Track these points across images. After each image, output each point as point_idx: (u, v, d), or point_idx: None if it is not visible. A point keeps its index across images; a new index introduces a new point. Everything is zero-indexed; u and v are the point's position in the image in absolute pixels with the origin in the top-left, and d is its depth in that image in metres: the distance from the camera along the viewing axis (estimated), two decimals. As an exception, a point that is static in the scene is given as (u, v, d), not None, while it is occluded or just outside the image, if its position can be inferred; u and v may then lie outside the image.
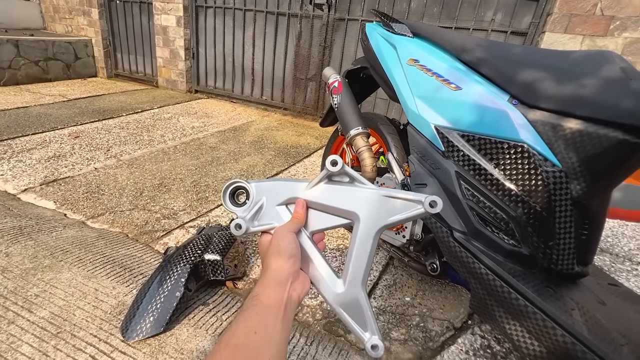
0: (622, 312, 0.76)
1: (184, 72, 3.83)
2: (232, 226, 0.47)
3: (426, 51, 0.95)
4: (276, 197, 0.51)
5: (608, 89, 0.67)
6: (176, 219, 1.51)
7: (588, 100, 0.69)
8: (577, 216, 0.73)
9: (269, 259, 0.45)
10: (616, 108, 0.66)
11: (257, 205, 0.50)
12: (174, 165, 2.05)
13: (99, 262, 1.12)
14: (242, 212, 0.49)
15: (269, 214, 0.51)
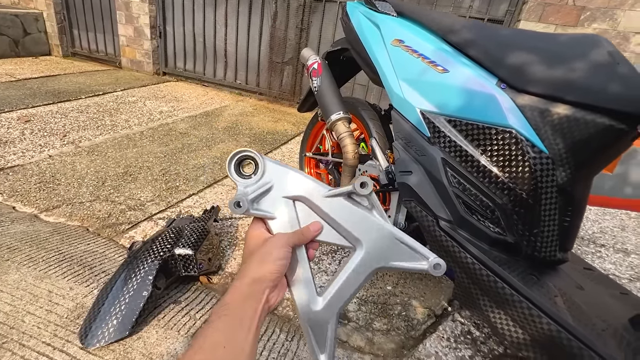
0: (599, 297, 0.77)
1: (150, 52, 3.56)
2: (231, 204, 0.41)
3: (411, 31, 0.90)
4: (287, 186, 0.46)
5: (596, 73, 0.66)
6: (143, 210, 1.40)
7: (577, 85, 0.67)
8: (562, 203, 0.72)
9: (252, 262, 0.40)
10: (604, 93, 0.65)
11: (263, 186, 0.45)
12: (140, 152, 1.90)
13: (54, 260, 1.01)
14: (244, 186, 0.44)
15: (271, 202, 0.45)
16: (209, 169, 1.81)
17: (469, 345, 0.97)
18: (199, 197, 1.55)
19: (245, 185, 0.44)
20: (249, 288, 0.38)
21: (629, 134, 0.66)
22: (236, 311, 0.36)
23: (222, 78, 3.47)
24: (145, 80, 3.46)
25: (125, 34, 3.60)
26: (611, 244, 1.61)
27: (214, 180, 1.71)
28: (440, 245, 0.81)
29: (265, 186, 0.45)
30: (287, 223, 0.45)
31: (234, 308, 0.36)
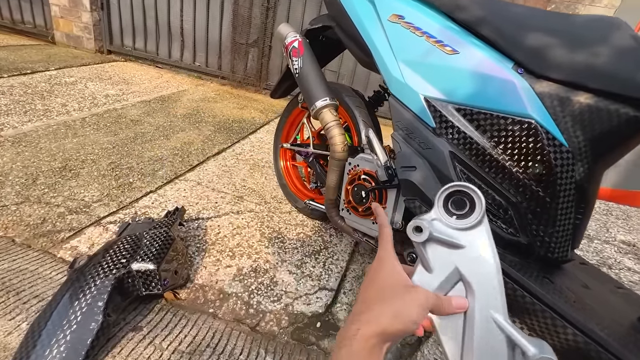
0: (604, 295, 0.75)
1: (90, 26, 3.10)
2: (411, 226, 0.35)
3: (413, 7, 0.79)
4: (472, 264, 0.36)
5: (622, 59, 0.60)
6: (88, 213, 1.17)
7: (601, 71, 0.60)
8: (577, 200, 0.67)
9: (385, 310, 0.31)
10: (630, 81, 0.59)
11: (455, 239, 0.36)
12: (82, 142, 1.61)
13: (-36, 285, 0.78)
14: (441, 221, 0.36)
15: (441, 256, 0.36)
16: (169, 162, 1.59)
17: (466, 348, 0.93)
18: (158, 195, 1.34)
19: (444, 222, 0.36)
20: (377, 339, 0.29)
21: (651, 125, 0.62)
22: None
23: (179, 59, 3.13)
24: (87, 58, 3.01)
25: (57, 2, 3.09)
26: (576, 231, 1.69)
27: (174, 174, 1.50)
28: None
29: (456, 240, 0.35)
30: (433, 281, 0.36)
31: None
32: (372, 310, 0.31)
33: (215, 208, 1.32)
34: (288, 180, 1.44)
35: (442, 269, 0.35)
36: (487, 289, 0.34)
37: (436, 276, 0.35)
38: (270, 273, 1.06)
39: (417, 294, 0.32)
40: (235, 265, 1.06)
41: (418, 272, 0.36)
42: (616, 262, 1.46)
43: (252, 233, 1.23)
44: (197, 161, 1.65)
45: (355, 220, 0.98)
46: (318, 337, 0.89)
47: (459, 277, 0.35)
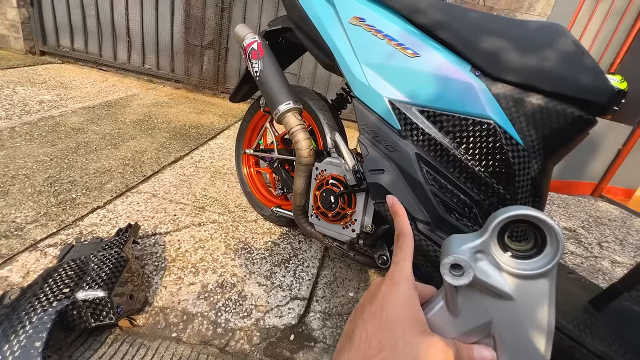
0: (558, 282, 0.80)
1: (18, 24, 2.76)
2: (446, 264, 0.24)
3: (373, 9, 0.79)
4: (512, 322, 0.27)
5: (566, 63, 0.64)
6: (22, 236, 1.02)
7: (549, 74, 0.64)
8: (533, 194, 0.71)
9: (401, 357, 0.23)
10: (575, 83, 0.64)
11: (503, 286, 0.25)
12: (11, 155, 1.42)
13: None
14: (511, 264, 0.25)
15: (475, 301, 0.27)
16: (119, 174, 1.45)
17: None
18: (106, 210, 1.22)
19: (493, 258, 0.25)
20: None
21: (592, 124, 0.67)
22: None
23: (126, 61, 2.91)
24: (15, 60, 2.68)
25: (-24, -3, 2.72)
26: (526, 221, 1.82)
27: (126, 187, 1.37)
28: (418, 250, 0.73)
29: (504, 287, 0.25)
30: (455, 327, 0.27)
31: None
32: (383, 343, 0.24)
33: (174, 221, 1.23)
34: (252, 187, 1.38)
35: (472, 316, 0.26)
36: (526, 353, 0.26)
37: (461, 323, 0.27)
38: (238, 287, 1.00)
39: (436, 349, 0.24)
40: (199, 282, 0.99)
41: (438, 312, 0.28)
42: (561, 248, 1.59)
43: (216, 245, 1.15)
44: (152, 171, 1.52)
45: (324, 226, 0.96)
46: (292, 351, 0.85)
47: (491, 332, 0.27)
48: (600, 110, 0.65)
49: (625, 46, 2.44)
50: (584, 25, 2.41)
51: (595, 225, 1.91)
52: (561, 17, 2.34)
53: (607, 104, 0.64)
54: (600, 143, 2.32)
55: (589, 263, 1.50)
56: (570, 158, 2.30)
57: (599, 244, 1.69)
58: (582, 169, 2.40)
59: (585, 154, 2.35)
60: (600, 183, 2.42)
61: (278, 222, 1.30)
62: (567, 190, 2.42)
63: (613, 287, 0.69)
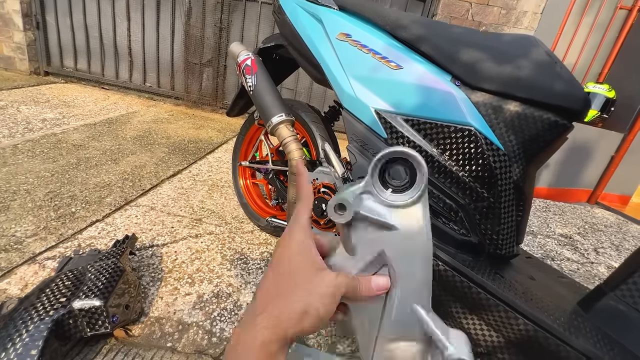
0: (548, 285, 0.81)
1: (24, 46, 2.86)
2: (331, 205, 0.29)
3: (358, 25, 0.83)
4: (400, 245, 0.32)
5: (540, 72, 0.68)
6: (21, 250, 1.04)
7: (524, 82, 0.68)
8: (516, 198, 0.73)
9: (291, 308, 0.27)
10: (549, 91, 0.67)
11: (383, 217, 0.30)
12: (13, 172, 1.45)
13: None
14: (390, 198, 0.30)
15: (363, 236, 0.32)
16: (118, 188, 1.48)
17: (433, 351, 0.95)
18: (105, 224, 1.24)
19: (376, 196, 0.30)
20: (279, 344, 0.25)
21: (569, 129, 0.70)
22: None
23: (127, 80, 2.99)
24: (19, 80, 2.76)
25: (-16, 22, 2.82)
26: (522, 228, 1.83)
27: (124, 200, 1.39)
28: (407, 254, 0.75)
29: (387, 219, 0.29)
30: (354, 265, 0.31)
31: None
32: (273, 308, 0.26)
33: (172, 233, 1.25)
34: (249, 198, 1.41)
35: (366, 251, 0.30)
36: (414, 277, 0.30)
37: (358, 260, 0.31)
38: (234, 297, 1.01)
39: (329, 281, 0.27)
40: (195, 293, 1.00)
41: (338, 254, 0.32)
42: (557, 254, 1.60)
43: (212, 256, 1.17)
44: (150, 185, 1.55)
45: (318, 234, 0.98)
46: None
47: (384, 261, 0.31)
48: (574, 115, 0.68)
49: (612, 56, 2.51)
50: (570, 37, 2.49)
51: (592, 232, 1.92)
52: (548, 30, 2.42)
53: (580, 110, 0.67)
54: (593, 150, 2.35)
55: (585, 269, 1.51)
56: (564, 165, 2.33)
57: (595, 250, 1.70)
58: (577, 176, 2.43)
59: (579, 162, 2.38)
60: (596, 190, 2.44)
61: (274, 232, 1.32)
62: (563, 197, 2.43)
63: (598, 288, 0.71)
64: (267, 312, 0.26)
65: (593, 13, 2.44)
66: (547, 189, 2.41)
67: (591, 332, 0.64)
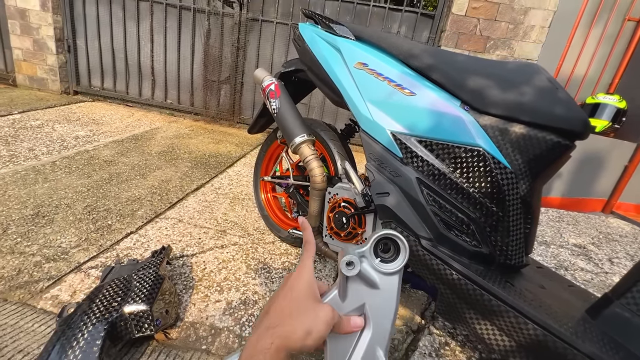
0: (558, 294, 0.86)
1: (56, 68, 3.07)
2: (344, 262, 0.39)
3: (374, 55, 0.92)
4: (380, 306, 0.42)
5: (542, 97, 0.75)
6: (67, 259, 1.14)
7: (528, 107, 0.75)
8: (524, 212, 0.79)
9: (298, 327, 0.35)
10: (550, 114, 0.74)
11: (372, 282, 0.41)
12: (54, 187, 1.58)
13: (-60, 347, 0.74)
14: (378, 265, 0.40)
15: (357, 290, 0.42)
16: (147, 201, 1.59)
17: (449, 357, 0.99)
18: (139, 235, 1.34)
19: (369, 262, 0.41)
20: (286, 353, 0.33)
21: (571, 148, 0.76)
22: None
23: (150, 97, 3.16)
24: (52, 100, 2.95)
25: (20, 46, 3.05)
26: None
27: (154, 213, 1.50)
28: (423, 264, 0.81)
29: (375, 280, 0.40)
30: (342, 308, 0.41)
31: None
32: (286, 324, 0.34)
33: (199, 244, 1.34)
34: (270, 211, 1.49)
35: (353, 300, 0.41)
36: (382, 328, 0.40)
37: (346, 305, 0.41)
38: (260, 304, 1.09)
39: (327, 312, 0.36)
40: (224, 300, 1.08)
41: (332, 297, 0.41)
42: (571, 264, 1.62)
43: (238, 266, 1.25)
44: (177, 198, 1.66)
45: (338, 245, 1.05)
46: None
47: (364, 311, 0.41)
48: (575, 136, 0.74)
49: (622, 67, 2.54)
50: (579, 49, 2.53)
51: (606, 242, 1.93)
52: (556, 43, 2.47)
53: (580, 131, 0.73)
54: (606, 160, 2.36)
55: (599, 279, 1.52)
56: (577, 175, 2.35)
57: (609, 260, 1.71)
58: (591, 186, 2.44)
59: (592, 171, 2.39)
60: (610, 199, 2.44)
61: (294, 243, 1.40)
62: (577, 207, 2.44)
63: (606, 296, 0.75)
64: (281, 327, 0.34)
65: (601, 25, 2.49)
66: (561, 198, 2.42)
67: (598, 337, 0.69)
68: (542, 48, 2.49)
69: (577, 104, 0.75)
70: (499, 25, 2.50)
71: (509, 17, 2.47)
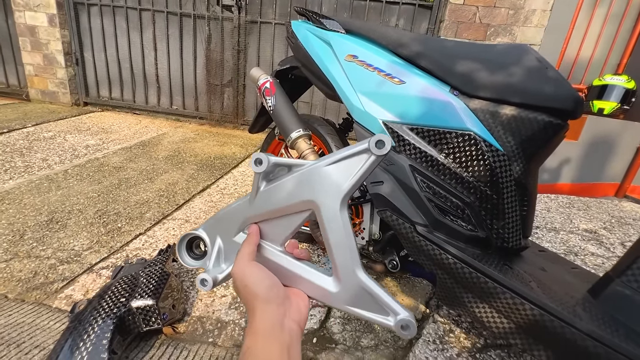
0: (560, 275, 0.85)
1: (66, 81, 3.18)
2: (197, 284, 0.43)
3: (363, 47, 0.93)
4: (228, 229, 0.46)
5: (532, 77, 0.75)
6: (80, 261, 1.19)
7: (518, 88, 0.75)
8: (519, 194, 0.79)
9: (248, 304, 0.37)
10: (540, 94, 0.73)
11: (215, 248, 0.46)
12: (66, 194, 1.64)
13: (-37, 344, 0.79)
14: (206, 264, 0.46)
15: (231, 251, 0.46)
16: (155, 204, 1.63)
17: (453, 344, 1.00)
18: (147, 236, 1.38)
19: (206, 263, 0.46)
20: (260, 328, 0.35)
21: (564, 128, 0.75)
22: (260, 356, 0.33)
23: (156, 104, 3.23)
24: (63, 112, 3.06)
25: (31, 62, 3.17)
26: (543, 225, 1.83)
27: (162, 215, 1.54)
28: (420, 251, 0.82)
29: (216, 248, 0.46)
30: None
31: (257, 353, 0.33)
32: (248, 314, 0.38)
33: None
34: (273, 208, 1.51)
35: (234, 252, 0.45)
36: None
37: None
38: (264, 297, 1.11)
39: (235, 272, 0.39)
40: (229, 294, 1.11)
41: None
42: (581, 249, 1.59)
43: (243, 262, 1.27)
44: (183, 200, 1.70)
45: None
46: (315, 352, 0.93)
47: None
48: (567, 115, 0.74)
49: (629, 46, 2.46)
50: (583, 31, 2.47)
51: (618, 226, 1.88)
52: (559, 26, 2.42)
53: (572, 110, 0.72)
54: (616, 143, 2.30)
55: (611, 263, 1.49)
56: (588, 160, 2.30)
57: (621, 244, 1.67)
58: (602, 170, 2.38)
59: (603, 155, 2.33)
60: (623, 183, 2.37)
61: (297, 238, 1.41)
62: (588, 192, 2.38)
63: (607, 276, 0.74)
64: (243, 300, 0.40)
65: (606, 4, 2.42)
66: (571, 184, 2.37)
67: (598, 316, 0.68)
68: (545, 32, 2.44)
69: (568, 82, 0.75)
70: (498, 11, 2.46)
71: (509, 3, 2.43)
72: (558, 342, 0.65)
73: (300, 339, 0.37)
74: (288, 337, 0.35)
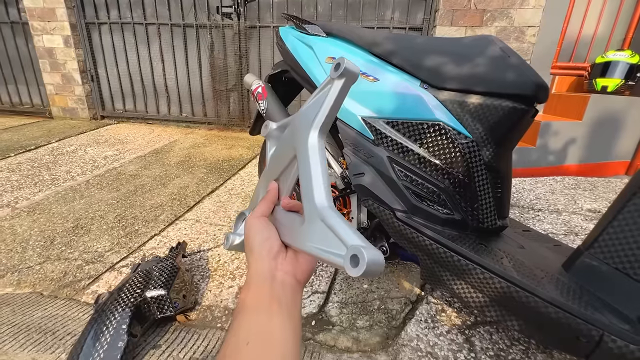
0: (537, 252, 0.90)
1: (83, 97, 3.38)
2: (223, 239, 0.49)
3: (341, 48, 1.00)
4: (258, 199, 0.50)
5: (495, 67, 0.79)
6: (103, 261, 1.32)
7: (481, 78, 0.80)
8: (491, 178, 0.84)
9: (247, 259, 0.40)
10: (503, 81, 0.78)
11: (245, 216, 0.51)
12: (89, 202, 1.79)
13: (7, 334, 0.92)
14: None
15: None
16: (168, 207, 1.76)
17: (444, 322, 1.06)
18: (162, 237, 1.50)
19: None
20: (251, 279, 0.36)
21: (529, 112, 0.80)
22: (249, 303, 0.34)
23: (167, 113, 3.39)
24: (83, 127, 3.26)
25: (52, 82, 3.39)
26: (546, 207, 1.84)
27: (175, 217, 1.66)
28: (401, 235, 0.88)
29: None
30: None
31: (247, 302, 0.35)
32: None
33: (214, 239, 1.48)
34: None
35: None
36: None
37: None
38: (268, 287, 1.20)
39: (246, 226, 0.41)
40: (236, 285, 1.20)
41: None
42: (582, 229, 1.60)
43: (248, 256, 1.37)
44: (194, 202, 1.82)
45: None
46: (314, 333, 1.02)
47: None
48: (531, 100, 0.78)
49: (634, 20, 2.39)
50: (584, 8, 2.42)
51: (625, 204, 1.86)
52: (558, 5, 2.38)
53: (533, 95, 0.77)
54: (624, 120, 2.25)
55: (612, 241, 1.49)
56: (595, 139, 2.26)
57: (625, 222, 1.66)
58: (611, 149, 2.33)
59: (610, 134, 2.29)
60: (634, 160, 2.32)
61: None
62: (597, 172, 2.34)
63: (578, 249, 0.79)
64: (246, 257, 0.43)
65: (607, -21, 2.36)
66: (578, 165, 2.34)
67: (566, 286, 0.73)
68: (543, 12, 2.41)
69: (531, 68, 0.79)
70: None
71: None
72: (525, 312, 0.71)
73: (297, 293, 0.37)
74: (280, 288, 0.35)
